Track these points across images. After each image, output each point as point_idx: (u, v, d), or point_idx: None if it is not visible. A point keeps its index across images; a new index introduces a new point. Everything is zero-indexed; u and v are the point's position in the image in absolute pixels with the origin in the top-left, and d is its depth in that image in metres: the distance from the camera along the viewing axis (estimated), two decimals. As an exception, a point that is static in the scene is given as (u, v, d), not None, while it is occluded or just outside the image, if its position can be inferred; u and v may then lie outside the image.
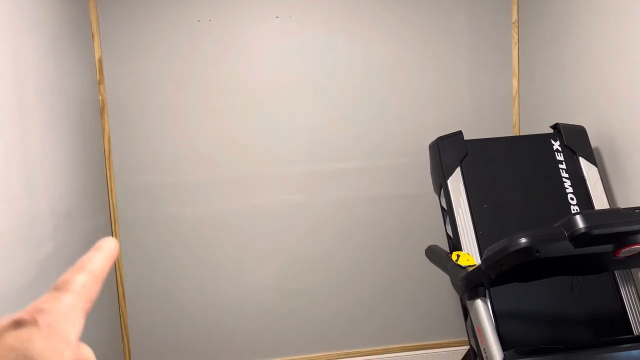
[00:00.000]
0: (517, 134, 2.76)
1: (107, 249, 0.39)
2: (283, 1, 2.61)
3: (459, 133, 2.04)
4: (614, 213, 1.32)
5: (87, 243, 2.25)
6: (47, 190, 1.88)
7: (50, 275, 1.85)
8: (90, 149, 2.38)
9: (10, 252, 1.58)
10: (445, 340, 2.85)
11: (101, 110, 2.55)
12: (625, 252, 1.37)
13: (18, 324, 0.30)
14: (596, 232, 1.29)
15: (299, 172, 2.69)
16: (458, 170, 1.97)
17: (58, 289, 0.34)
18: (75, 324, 0.32)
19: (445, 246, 2.06)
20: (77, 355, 0.33)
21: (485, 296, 1.57)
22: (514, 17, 2.71)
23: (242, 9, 2.59)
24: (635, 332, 1.75)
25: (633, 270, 1.90)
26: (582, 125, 2.12)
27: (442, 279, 2.73)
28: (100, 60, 2.52)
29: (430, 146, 2.08)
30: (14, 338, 0.29)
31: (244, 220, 2.69)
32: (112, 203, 2.59)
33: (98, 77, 2.53)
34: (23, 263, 1.66)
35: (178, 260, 2.67)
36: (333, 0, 2.63)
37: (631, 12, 1.87)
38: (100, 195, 2.49)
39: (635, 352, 1.44)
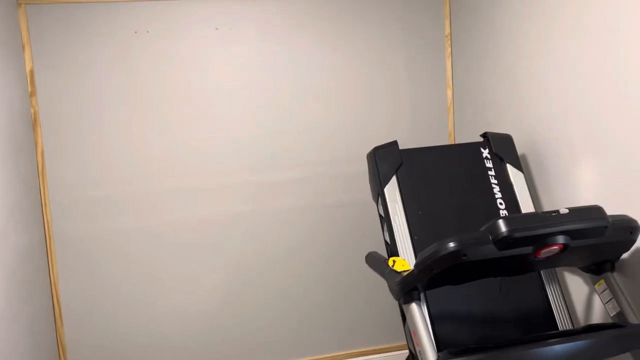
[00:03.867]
0: (453, 143, 2.88)
1: None
2: (222, 13, 2.62)
3: (394, 143, 2.11)
4: (533, 217, 1.41)
5: (21, 260, 2.17)
6: (-27, 207, 1.80)
7: (-23, 296, 1.77)
8: (23, 163, 2.30)
9: None
10: (388, 345, 2.92)
11: (34, 124, 2.47)
12: (545, 252, 1.46)
13: None
14: (517, 235, 1.37)
15: (244, 182, 2.70)
16: (394, 179, 2.03)
17: None
18: None
19: (384, 253, 2.12)
20: None
21: (419, 300, 1.63)
22: (447, 30, 2.83)
23: (181, 21, 2.58)
24: (560, 328, 1.86)
25: (557, 269, 2.02)
26: (509, 133, 2.25)
27: (383, 284, 2.80)
28: (31, 72, 2.44)
29: (367, 156, 2.14)
30: None
31: (188, 233, 2.66)
32: (47, 218, 2.51)
33: (29, 89, 2.45)
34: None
35: (118, 275, 2.60)
36: (272, 14, 2.67)
37: (553, 21, 2.00)
38: (34, 210, 2.40)
39: (558, 347, 1.52)
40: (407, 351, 2.91)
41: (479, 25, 2.55)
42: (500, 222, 1.38)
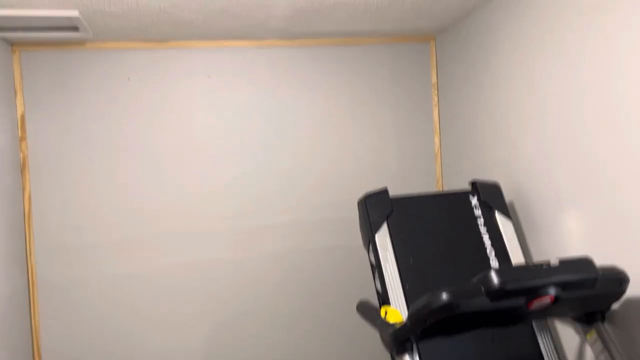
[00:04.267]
0: (440, 188, 2.91)
1: None
2: (214, 61, 2.67)
3: (385, 190, 2.12)
4: (524, 269, 1.42)
5: (4, 307, 2.11)
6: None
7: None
8: (8, 208, 2.27)
9: None
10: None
11: (22, 168, 2.45)
12: (537, 304, 1.46)
13: None
14: (509, 287, 1.37)
15: (230, 228, 2.69)
16: (385, 227, 2.04)
17: None
18: None
19: (375, 300, 2.10)
20: None
21: (412, 351, 1.61)
22: (433, 80, 2.91)
23: (174, 68, 2.62)
24: (553, 379, 1.84)
25: (549, 319, 2.02)
26: (497, 180, 2.28)
27: (374, 333, 2.76)
28: (22, 117, 2.45)
29: (358, 203, 2.16)
30: None
31: (173, 278, 2.62)
32: (31, 265, 2.46)
33: (20, 134, 2.45)
34: None
35: (102, 321, 2.54)
36: (262, 63, 2.72)
37: (536, 71, 2.07)
38: (18, 257, 2.36)
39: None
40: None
41: (465, 75, 2.63)
42: (492, 274, 1.38)
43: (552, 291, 1.41)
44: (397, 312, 1.73)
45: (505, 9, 2.22)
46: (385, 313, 1.76)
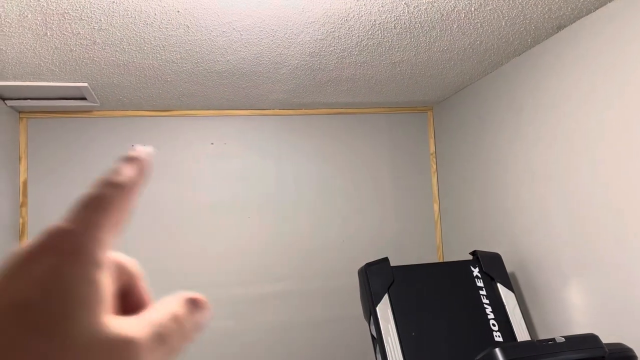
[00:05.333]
0: (441, 255, 2.89)
1: (141, 155, 0.32)
2: (218, 129, 2.73)
3: (385, 260, 2.11)
4: (529, 346, 1.39)
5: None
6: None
7: None
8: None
9: None
10: None
11: (20, 234, 2.44)
12: (543, 383, 1.42)
13: (42, 249, 0.25)
14: (515, 365, 1.34)
15: (228, 296, 2.64)
16: (386, 297, 2.01)
17: (85, 205, 0.29)
18: (107, 243, 0.28)
19: (376, 375, 2.03)
20: (118, 274, 0.30)
21: None
22: (432, 148, 2.96)
23: (178, 135, 2.67)
24: None
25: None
26: (498, 251, 2.27)
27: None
28: (25, 183, 2.47)
29: (358, 272, 2.13)
30: (38, 268, 0.25)
31: (169, 349, 2.55)
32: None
33: (21, 200, 2.45)
34: None
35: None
36: (263, 131, 2.78)
37: (534, 138, 2.11)
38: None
39: None
40: None
41: (463, 144, 2.68)
42: (497, 352, 1.36)
43: (559, 370, 1.38)
44: (399, 389, 1.68)
45: (502, 80, 2.30)
46: (388, 390, 1.70)
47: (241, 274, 2.67)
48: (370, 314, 2.02)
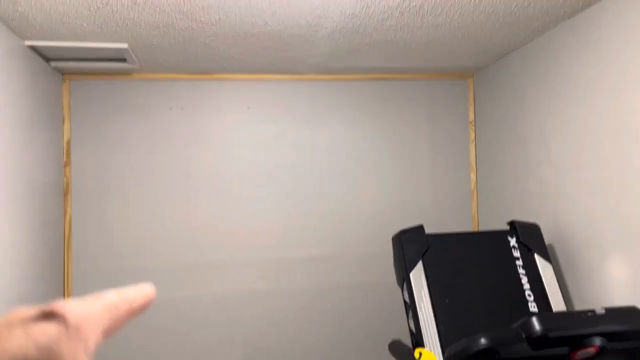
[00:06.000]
0: (476, 226, 2.85)
1: (144, 289, 0.36)
2: (254, 93, 2.72)
3: (420, 227, 2.09)
4: (568, 316, 1.37)
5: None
6: (3, 275, 1.81)
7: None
8: (50, 232, 2.33)
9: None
10: None
11: (65, 193, 2.52)
12: (581, 354, 1.40)
13: (47, 316, 0.28)
14: (552, 335, 1.32)
15: (263, 260, 2.69)
16: (420, 264, 2.00)
17: (89, 298, 0.32)
18: (95, 336, 0.30)
19: (407, 339, 2.05)
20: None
21: (447, 397, 1.56)
22: (471, 117, 2.89)
23: (214, 99, 2.69)
24: None
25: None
26: (537, 222, 2.22)
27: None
28: (68, 143, 2.53)
29: (393, 239, 2.13)
30: (40, 332, 0.27)
31: (205, 308, 2.63)
32: (68, 289, 2.50)
33: (65, 159, 2.53)
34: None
35: (134, 352, 2.55)
36: (300, 96, 2.76)
37: (576, 109, 2.03)
38: (56, 281, 2.40)
39: None
40: None
41: (504, 112, 2.61)
42: (534, 320, 1.34)
43: (598, 341, 1.36)
44: (432, 355, 1.69)
45: (546, 47, 2.20)
46: (420, 355, 1.71)
47: (272, 239, 2.71)
48: (404, 280, 2.02)
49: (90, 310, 0.30)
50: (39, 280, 2.18)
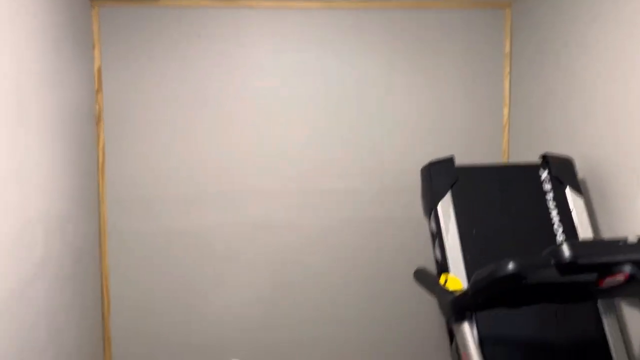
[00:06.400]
0: (506, 161, 2.82)
1: None
2: (282, 22, 2.66)
3: (451, 158, 2.08)
4: (599, 244, 1.36)
5: (76, 251, 2.24)
6: (40, 196, 1.88)
7: (39, 281, 1.84)
8: (84, 158, 2.39)
9: (2, 258, 1.57)
10: (429, 364, 2.86)
11: (97, 120, 2.56)
12: (608, 281, 1.40)
13: None
14: (581, 261, 1.32)
15: (290, 190, 2.72)
16: (448, 195, 2.00)
17: None
18: None
19: (433, 270, 2.08)
20: None
21: (471, 320, 1.60)
22: (506, 49, 2.79)
23: (243, 27, 2.64)
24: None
25: (616, 300, 1.94)
26: (570, 155, 2.18)
27: (429, 303, 2.76)
28: (99, 70, 2.54)
29: (421, 170, 2.12)
30: None
31: (233, 235, 2.70)
32: (102, 213, 2.59)
33: (96, 86, 2.55)
34: (14, 268, 1.65)
35: (165, 272, 2.66)
36: (329, 23, 2.69)
37: (619, 41, 1.94)
38: (91, 205, 2.49)
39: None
40: (447, 372, 2.84)
41: (541, 44, 2.50)
42: (565, 246, 1.34)
43: (628, 269, 1.35)
44: (457, 280, 1.72)
45: (593, -28, 2.08)
46: (445, 281, 1.74)
47: (304, 170, 2.72)
48: (431, 211, 2.03)
49: None
50: (74, 204, 2.26)
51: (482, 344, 1.78)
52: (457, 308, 1.59)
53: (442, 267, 1.93)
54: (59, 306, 2.06)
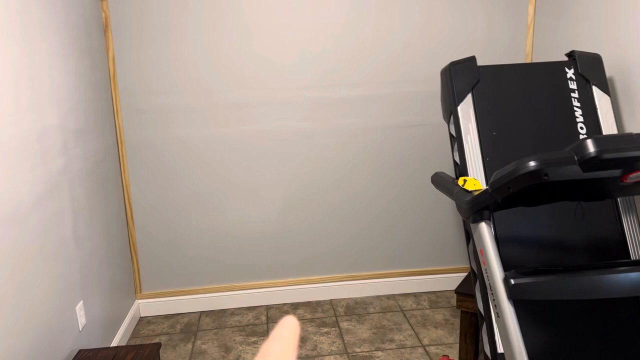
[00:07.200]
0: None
1: (290, 327, 0.36)
2: None
3: (472, 58, 1.99)
4: (625, 138, 1.32)
5: (96, 162, 2.27)
6: (55, 104, 1.87)
7: (59, 191, 1.88)
8: (96, 68, 2.35)
9: (19, 165, 1.59)
10: (445, 267, 2.94)
11: (105, 29, 2.49)
12: (632, 177, 1.37)
13: None
14: (606, 156, 1.29)
15: (307, 98, 2.67)
16: (469, 97, 1.94)
17: None
18: None
19: (452, 174, 2.07)
20: None
21: (489, 219, 1.60)
22: (535, -62, 2.58)
23: None
24: (634, 257, 1.80)
25: (636, 199, 1.92)
26: (599, 53, 2.08)
27: (444, 207, 2.78)
28: (102, -25, 2.43)
29: (442, 72, 2.04)
30: None
31: (250, 145, 2.69)
32: (118, 124, 2.59)
33: (101, -7, 2.45)
34: (33, 176, 1.68)
35: (183, 182, 2.70)
36: None
37: None
38: (106, 116, 2.48)
39: (632, 275, 1.48)
40: (462, 274, 2.92)
41: None
42: (589, 141, 1.30)
43: (654, 164, 1.32)
44: (476, 180, 1.70)
45: None
46: (464, 182, 1.73)
47: (318, 77, 2.65)
48: (451, 113, 1.98)
49: None
50: (90, 115, 2.25)
51: (500, 243, 1.80)
52: (475, 207, 1.59)
53: (461, 169, 1.92)
54: (87, 217, 2.11)
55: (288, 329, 0.35)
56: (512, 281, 1.45)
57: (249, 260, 2.83)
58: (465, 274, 2.92)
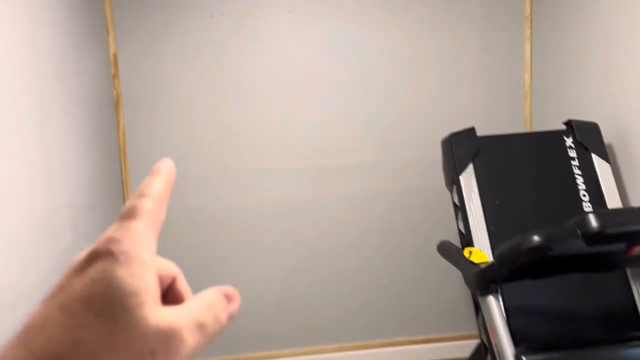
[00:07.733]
0: (529, 129, 2.76)
1: (164, 170, 0.39)
2: (296, -4, 2.62)
3: (472, 129, 2.04)
4: (627, 212, 1.34)
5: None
6: (66, 183, 1.91)
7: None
8: (106, 142, 2.42)
9: (32, 245, 1.62)
10: (455, 334, 2.88)
11: (116, 104, 2.58)
12: (638, 250, 1.38)
13: (93, 257, 0.31)
14: (609, 231, 1.30)
15: (309, 167, 2.71)
16: (470, 167, 1.98)
17: (125, 217, 0.34)
18: (149, 247, 0.33)
19: (456, 242, 2.07)
20: (159, 273, 0.35)
21: (497, 292, 1.59)
22: (527, 11, 2.70)
23: (254, 3, 2.60)
24: (646, 329, 1.76)
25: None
26: (595, 121, 2.12)
27: (452, 273, 2.75)
28: (115, 55, 2.55)
29: (442, 142, 2.09)
30: (94, 271, 0.30)
31: (253, 215, 2.72)
32: (128, 195, 2.63)
33: (113, 72, 2.55)
34: (43, 255, 1.69)
35: (187, 255, 2.70)
36: (345, -5, 2.64)
37: (647, 9, 1.86)
38: (116, 188, 2.53)
39: (646, 349, 1.45)
40: (474, 341, 2.85)
41: (563, 6, 2.41)
42: (591, 216, 1.31)
43: (658, 237, 1.32)
44: (482, 252, 1.71)
45: None
46: (470, 253, 1.73)
47: (320, 146, 2.71)
48: (453, 183, 2.01)
49: (131, 232, 0.32)
50: (100, 189, 2.30)
51: (509, 315, 1.77)
52: (482, 281, 1.59)
53: (466, 239, 1.92)
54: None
55: None
56: (524, 358, 1.43)
57: (253, 332, 2.79)
58: (475, 341, 2.86)
